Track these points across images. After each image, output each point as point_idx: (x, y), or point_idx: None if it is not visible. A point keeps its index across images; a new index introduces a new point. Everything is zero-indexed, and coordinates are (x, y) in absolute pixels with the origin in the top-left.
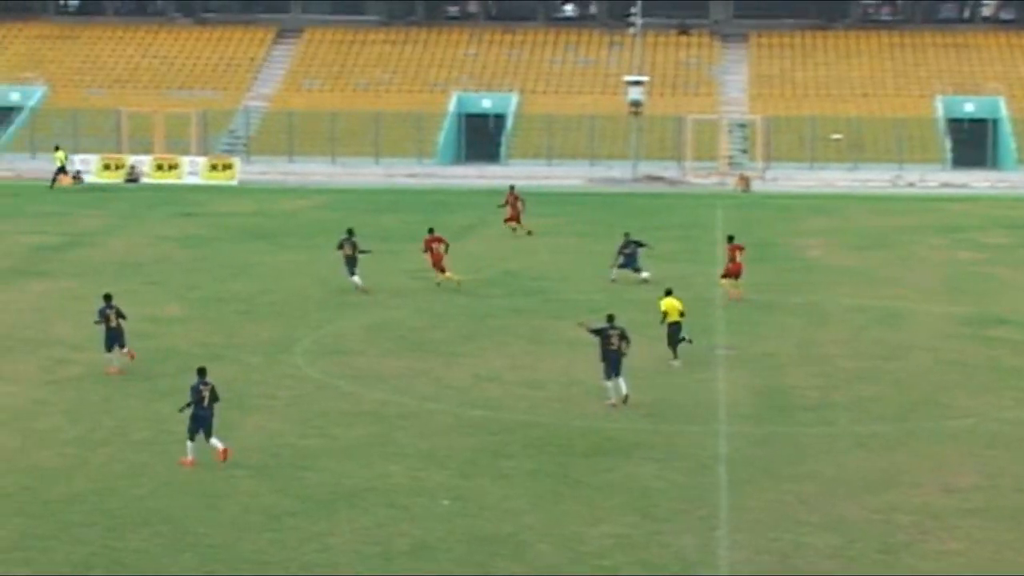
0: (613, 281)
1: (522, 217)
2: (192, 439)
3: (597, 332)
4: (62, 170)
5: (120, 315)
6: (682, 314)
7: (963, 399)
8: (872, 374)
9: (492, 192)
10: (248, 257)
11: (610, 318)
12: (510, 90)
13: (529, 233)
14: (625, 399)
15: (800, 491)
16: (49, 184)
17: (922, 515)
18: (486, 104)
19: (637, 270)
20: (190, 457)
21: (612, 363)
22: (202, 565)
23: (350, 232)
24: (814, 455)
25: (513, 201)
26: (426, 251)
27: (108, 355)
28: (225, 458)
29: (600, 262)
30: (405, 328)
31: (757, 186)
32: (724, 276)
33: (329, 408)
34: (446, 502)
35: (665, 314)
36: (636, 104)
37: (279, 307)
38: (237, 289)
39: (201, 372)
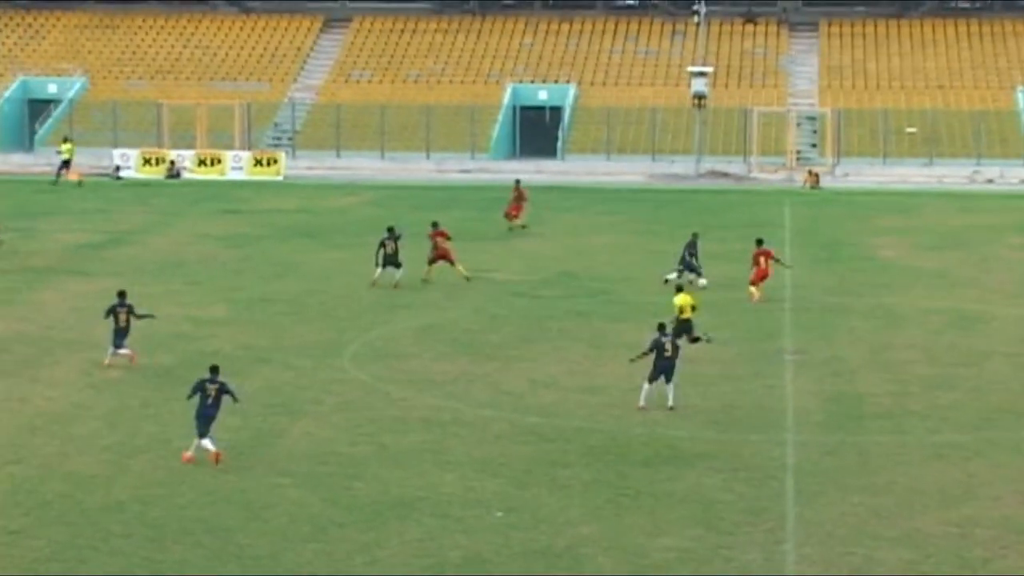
0: (666, 282)
1: (522, 213)
2: (201, 436)
3: (650, 350)
4: (66, 164)
5: (132, 313)
6: (694, 309)
7: None
8: (948, 381)
9: (549, 188)
10: (294, 256)
11: (661, 327)
12: (567, 82)
13: (524, 227)
14: (670, 408)
15: (872, 503)
16: (53, 179)
17: (1002, 529)
18: (542, 96)
19: (698, 272)
20: (191, 453)
21: (662, 370)
22: None
23: (391, 230)
24: (887, 465)
25: (517, 196)
26: (434, 247)
27: (112, 350)
28: (217, 461)
29: (662, 262)
30: (459, 330)
31: (827, 182)
32: (753, 283)
33: (379, 414)
34: (500, 513)
35: (680, 309)
36: (700, 96)
37: (327, 308)
38: (283, 289)
39: (214, 370)
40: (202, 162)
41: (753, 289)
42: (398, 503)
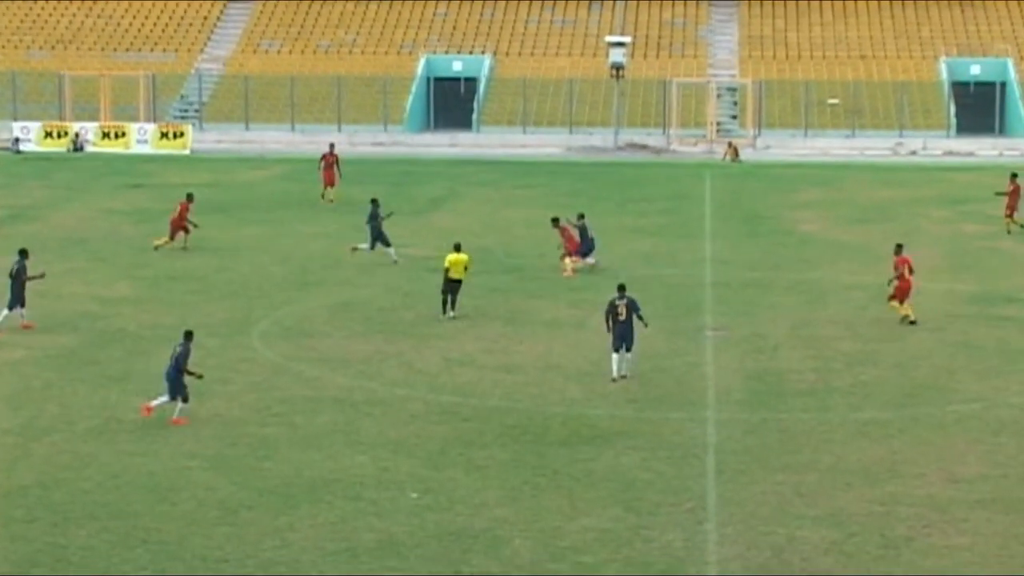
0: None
1: (336, 181)
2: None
3: (606, 315)
4: None
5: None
6: (466, 269)
7: (969, 383)
8: (871, 356)
9: (464, 161)
10: (203, 232)
11: (621, 288)
12: (483, 52)
13: (331, 201)
14: (622, 376)
15: (795, 482)
16: None
17: (925, 507)
18: (457, 67)
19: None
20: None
21: (620, 336)
22: (153, 562)
23: (375, 202)
24: (809, 443)
25: (330, 163)
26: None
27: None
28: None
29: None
30: (372, 308)
31: (748, 155)
32: (892, 297)
33: (290, 394)
34: (415, 495)
35: (447, 269)
36: (618, 67)
37: (236, 286)
38: (191, 267)
39: (187, 335)
40: (106, 135)
41: (894, 304)
42: (310, 485)
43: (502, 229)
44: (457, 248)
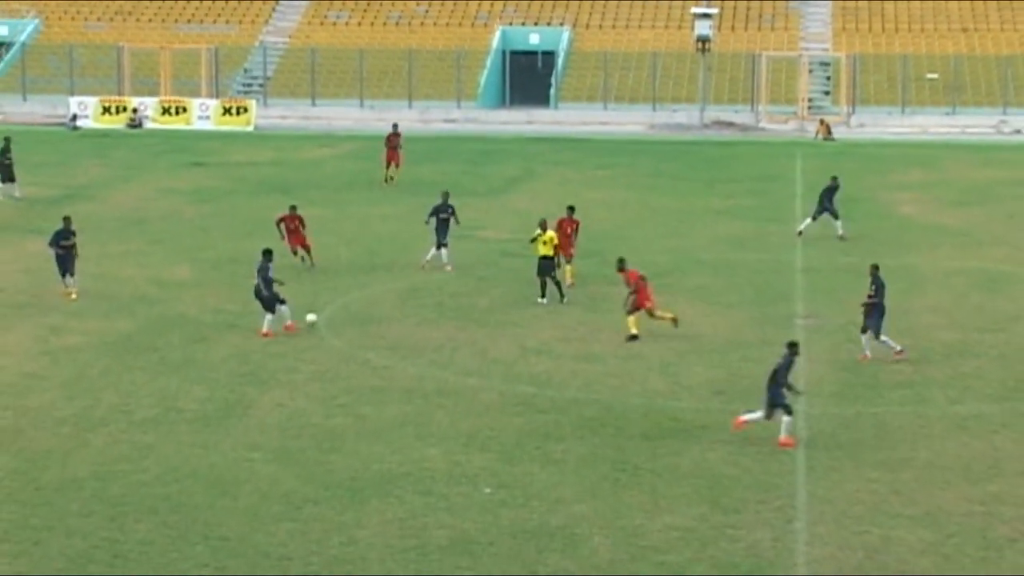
0: (799, 234)
1: (400, 160)
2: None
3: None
4: None
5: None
6: (555, 246)
7: None
8: (972, 347)
9: (541, 139)
10: (266, 213)
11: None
12: (561, 24)
13: (391, 179)
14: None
15: (890, 479)
16: None
17: None
18: (534, 40)
19: (837, 215)
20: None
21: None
22: (214, 559)
23: (446, 194)
24: (906, 439)
25: (394, 143)
26: (281, 229)
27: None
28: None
29: (663, 219)
30: (444, 293)
31: (841, 133)
32: (629, 313)
33: (357, 384)
34: (488, 490)
35: (540, 246)
36: (704, 40)
37: (300, 270)
38: (253, 249)
39: (266, 253)
40: (166, 111)
41: (632, 319)
42: (378, 479)
43: (581, 211)
44: (542, 225)
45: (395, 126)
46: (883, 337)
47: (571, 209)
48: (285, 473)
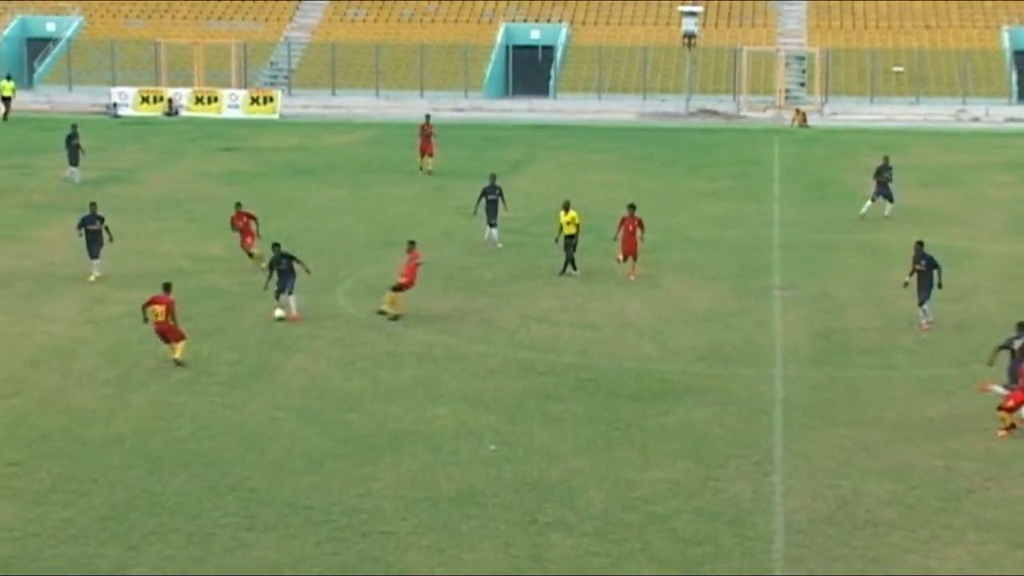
0: (862, 217)
1: (434, 151)
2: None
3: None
4: (6, 100)
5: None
6: (578, 227)
7: None
8: (935, 316)
9: (541, 126)
10: (290, 194)
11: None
12: (560, 21)
13: (429, 172)
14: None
15: (859, 437)
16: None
17: (986, 462)
18: (535, 35)
19: (891, 199)
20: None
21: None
22: (243, 508)
23: (493, 176)
24: (874, 400)
25: (428, 134)
26: (234, 229)
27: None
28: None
29: (654, 199)
30: (453, 267)
31: (815, 120)
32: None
33: (373, 350)
34: (493, 447)
35: (561, 228)
36: (690, 35)
37: (322, 245)
38: (279, 227)
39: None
40: (199, 100)
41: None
42: (392, 437)
43: (578, 192)
44: (566, 206)
45: (427, 117)
46: (924, 307)
47: (632, 207)
48: (307, 431)
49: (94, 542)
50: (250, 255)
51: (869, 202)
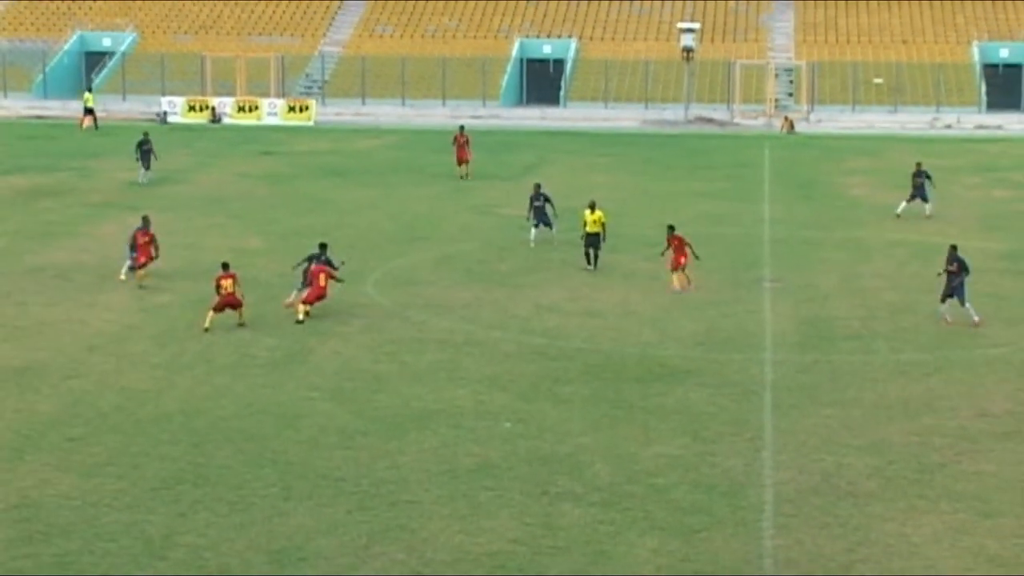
0: (898, 216)
1: (469, 157)
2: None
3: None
4: (89, 111)
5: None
6: (603, 225)
7: (997, 329)
8: (911, 306)
9: (553, 133)
10: (324, 193)
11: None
12: (570, 36)
13: (466, 176)
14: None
15: (842, 416)
16: (79, 124)
17: (957, 438)
18: (547, 50)
19: (926, 200)
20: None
21: (953, 290)
22: (281, 480)
23: (538, 186)
24: (855, 382)
25: (462, 143)
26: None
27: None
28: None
29: (655, 199)
30: (472, 261)
31: (802, 127)
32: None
33: (399, 335)
34: (508, 424)
35: (585, 224)
36: (688, 50)
37: (353, 240)
38: (314, 223)
39: (322, 246)
40: (241, 108)
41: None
42: (417, 415)
43: (586, 192)
44: (592, 206)
45: (462, 128)
46: (967, 305)
47: (671, 228)
48: (339, 409)
49: (145, 510)
50: (137, 268)
51: (904, 203)
